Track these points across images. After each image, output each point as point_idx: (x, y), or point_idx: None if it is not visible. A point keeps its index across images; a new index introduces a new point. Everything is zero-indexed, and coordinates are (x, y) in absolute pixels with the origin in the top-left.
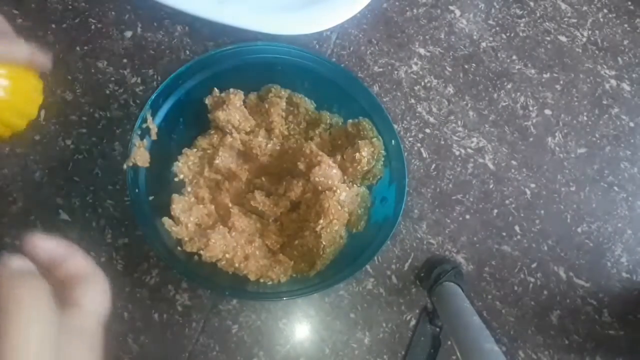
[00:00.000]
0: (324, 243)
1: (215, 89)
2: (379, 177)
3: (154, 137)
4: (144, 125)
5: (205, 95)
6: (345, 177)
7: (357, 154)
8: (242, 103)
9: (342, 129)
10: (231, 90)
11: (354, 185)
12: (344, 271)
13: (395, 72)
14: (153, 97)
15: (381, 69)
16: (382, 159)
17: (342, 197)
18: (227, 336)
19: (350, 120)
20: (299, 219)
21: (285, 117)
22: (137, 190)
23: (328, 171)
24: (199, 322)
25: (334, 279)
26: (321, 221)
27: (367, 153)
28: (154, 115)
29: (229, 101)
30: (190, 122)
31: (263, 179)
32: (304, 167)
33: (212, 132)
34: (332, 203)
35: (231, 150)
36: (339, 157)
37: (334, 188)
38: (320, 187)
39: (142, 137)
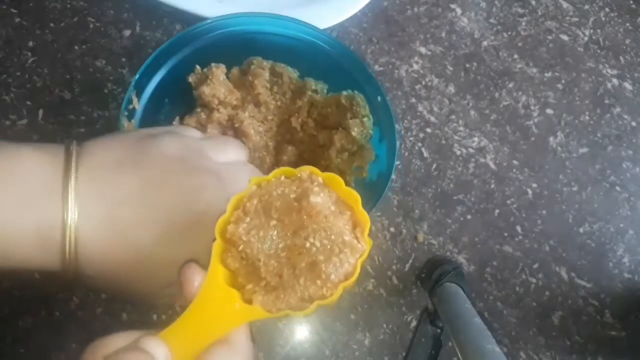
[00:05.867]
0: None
1: (197, 66)
2: (368, 159)
3: (139, 117)
4: (130, 107)
5: (188, 73)
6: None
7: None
8: (225, 77)
9: (333, 98)
10: (213, 64)
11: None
12: None
13: (396, 71)
14: (137, 77)
15: (382, 68)
16: (371, 119)
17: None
18: None
19: (344, 92)
20: None
21: (270, 88)
22: None
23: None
24: None
25: None
26: None
27: (357, 133)
28: (139, 96)
29: (212, 75)
30: (176, 101)
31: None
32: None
33: (199, 110)
34: None
35: (219, 126)
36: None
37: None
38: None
39: (129, 119)
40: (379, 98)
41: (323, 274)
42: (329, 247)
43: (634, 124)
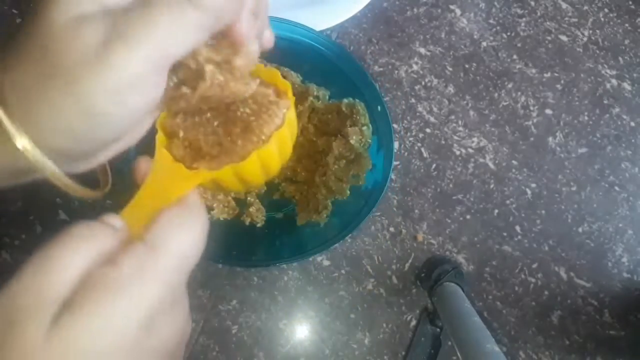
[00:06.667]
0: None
1: None
2: (365, 168)
3: None
4: None
5: None
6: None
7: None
8: None
9: (334, 105)
10: None
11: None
12: (337, 236)
13: (396, 72)
14: None
15: (381, 69)
16: (370, 128)
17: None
18: (226, 337)
19: (345, 100)
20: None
21: None
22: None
23: None
24: (198, 323)
25: (322, 245)
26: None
27: (356, 141)
28: None
29: None
30: None
31: None
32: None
33: None
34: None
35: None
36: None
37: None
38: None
39: None
40: (379, 107)
41: (257, 130)
42: (257, 108)
43: (632, 124)
